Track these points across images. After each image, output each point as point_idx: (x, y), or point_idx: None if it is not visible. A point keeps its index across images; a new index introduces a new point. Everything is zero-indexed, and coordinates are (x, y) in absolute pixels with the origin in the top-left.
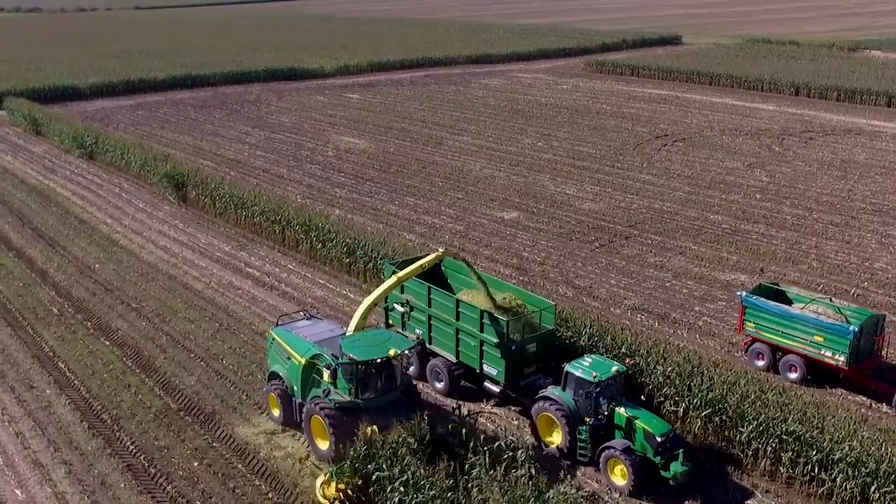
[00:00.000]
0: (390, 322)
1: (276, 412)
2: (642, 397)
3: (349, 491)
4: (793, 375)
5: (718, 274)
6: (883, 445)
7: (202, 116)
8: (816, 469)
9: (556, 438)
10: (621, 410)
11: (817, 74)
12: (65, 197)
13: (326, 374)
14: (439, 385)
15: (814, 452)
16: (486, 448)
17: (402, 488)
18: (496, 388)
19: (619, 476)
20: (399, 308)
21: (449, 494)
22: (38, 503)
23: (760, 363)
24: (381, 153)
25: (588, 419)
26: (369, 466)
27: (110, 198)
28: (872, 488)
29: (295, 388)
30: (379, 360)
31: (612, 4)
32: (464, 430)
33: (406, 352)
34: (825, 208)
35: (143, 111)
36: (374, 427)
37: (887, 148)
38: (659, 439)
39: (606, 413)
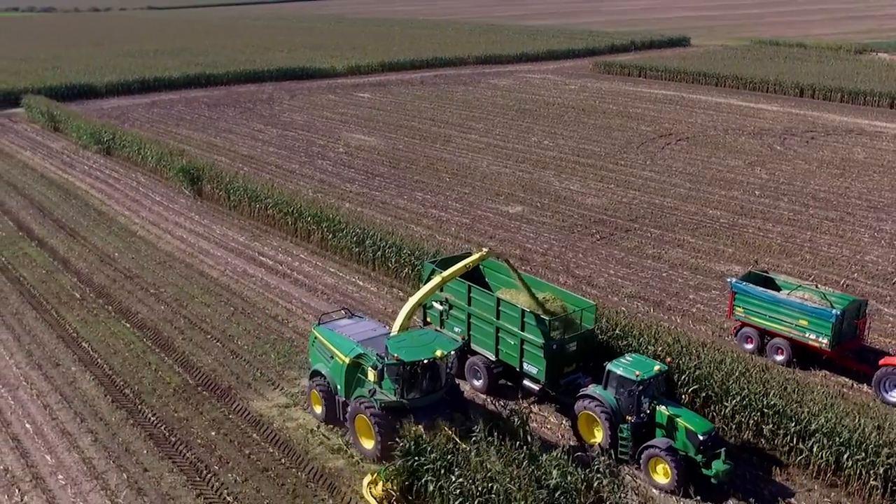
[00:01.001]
0: (428, 320)
1: (319, 409)
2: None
3: (396, 491)
4: (779, 358)
5: (714, 265)
6: (857, 417)
7: (216, 114)
8: (795, 440)
9: (598, 437)
10: (663, 409)
11: (822, 76)
12: (84, 190)
13: (372, 374)
14: (477, 383)
15: (792, 424)
16: (484, 414)
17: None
18: (535, 387)
19: (662, 475)
20: (438, 306)
21: (448, 457)
22: (67, 467)
23: (749, 346)
24: (391, 150)
25: (630, 418)
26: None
27: (128, 191)
28: (846, 456)
29: (338, 386)
30: (425, 361)
31: (622, 6)
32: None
33: (452, 352)
34: (822, 204)
35: (158, 109)
36: (420, 427)
37: (887, 147)
38: (701, 438)
39: (648, 412)
